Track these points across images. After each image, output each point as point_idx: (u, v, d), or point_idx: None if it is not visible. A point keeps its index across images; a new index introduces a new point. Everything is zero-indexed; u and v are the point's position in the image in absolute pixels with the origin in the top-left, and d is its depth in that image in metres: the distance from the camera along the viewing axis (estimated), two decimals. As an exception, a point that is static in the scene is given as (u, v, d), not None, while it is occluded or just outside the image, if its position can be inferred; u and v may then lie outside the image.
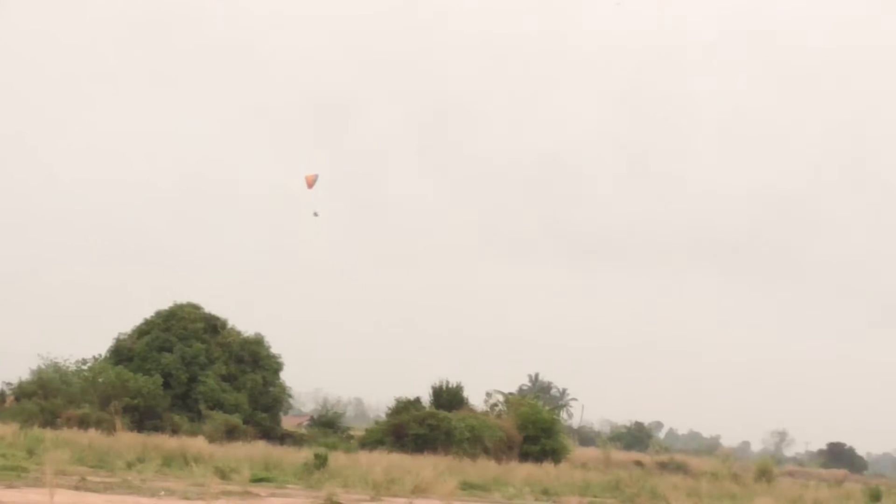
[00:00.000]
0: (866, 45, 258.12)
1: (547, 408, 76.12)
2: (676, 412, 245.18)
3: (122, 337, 63.69)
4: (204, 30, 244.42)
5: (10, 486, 24.86)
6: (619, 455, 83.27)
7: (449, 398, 66.31)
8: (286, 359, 67.82)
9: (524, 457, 59.57)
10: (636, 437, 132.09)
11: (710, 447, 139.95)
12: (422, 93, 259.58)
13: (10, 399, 59.72)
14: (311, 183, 48.16)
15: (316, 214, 52.22)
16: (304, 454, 42.19)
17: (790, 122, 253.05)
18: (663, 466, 75.31)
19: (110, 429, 48.37)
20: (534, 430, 63.39)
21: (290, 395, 69.94)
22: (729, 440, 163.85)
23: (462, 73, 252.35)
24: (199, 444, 43.29)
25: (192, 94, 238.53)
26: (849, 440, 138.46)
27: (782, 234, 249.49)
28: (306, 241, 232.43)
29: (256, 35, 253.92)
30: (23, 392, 58.30)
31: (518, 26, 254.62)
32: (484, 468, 46.96)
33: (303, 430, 69.72)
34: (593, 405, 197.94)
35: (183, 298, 65.99)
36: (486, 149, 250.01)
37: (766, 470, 61.09)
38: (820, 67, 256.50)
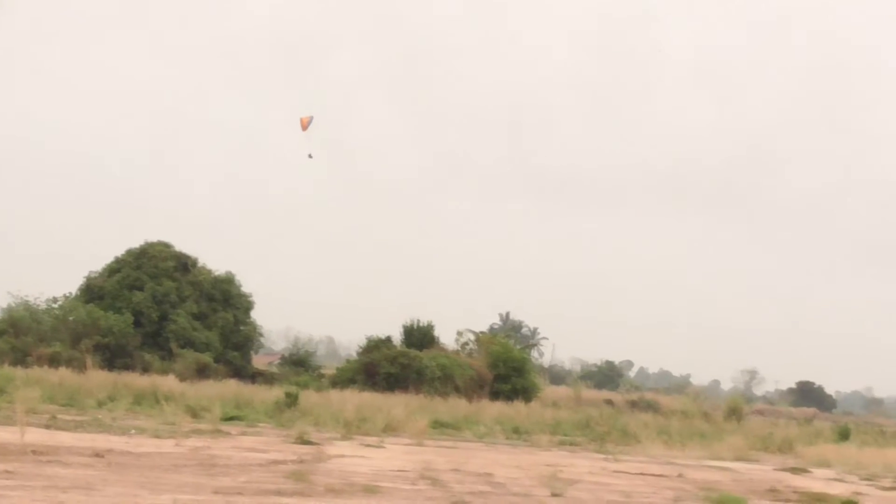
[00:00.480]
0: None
1: (518, 347, 76.52)
2: (647, 351, 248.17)
3: (92, 275, 63.39)
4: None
5: (-20, 425, 24.85)
6: (589, 394, 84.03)
7: (420, 337, 66.47)
8: (257, 298, 67.86)
9: (495, 395, 59.91)
10: (607, 375, 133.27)
11: (680, 386, 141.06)
12: (391, 33, 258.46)
13: (-21, 337, 59.48)
14: (305, 125, 47.77)
15: (310, 156, 51.98)
16: (276, 393, 42.35)
17: (759, 62, 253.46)
18: (634, 405, 76.02)
19: (81, 367, 48.27)
20: (505, 368, 63.66)
21: (261, 334, 70.01)
22: (699, 379, 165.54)
23: (431, 13, 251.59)
24: (169, 382, 43.39)
25: (159, 35, 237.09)
26: (818, 379, 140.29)
27: (751, 173, 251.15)
28: (276, 180, 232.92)
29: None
30: (-7, 330, 58.07)
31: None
32: (455, 407, 47.28)
33: (274, 369, 69.86)
34: (564, 344, 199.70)
35: (154, 237, 65.85)
36: (455, 89, 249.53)
37: (736, 408, 61.82)
38: (791, 8, 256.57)
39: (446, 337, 69.18)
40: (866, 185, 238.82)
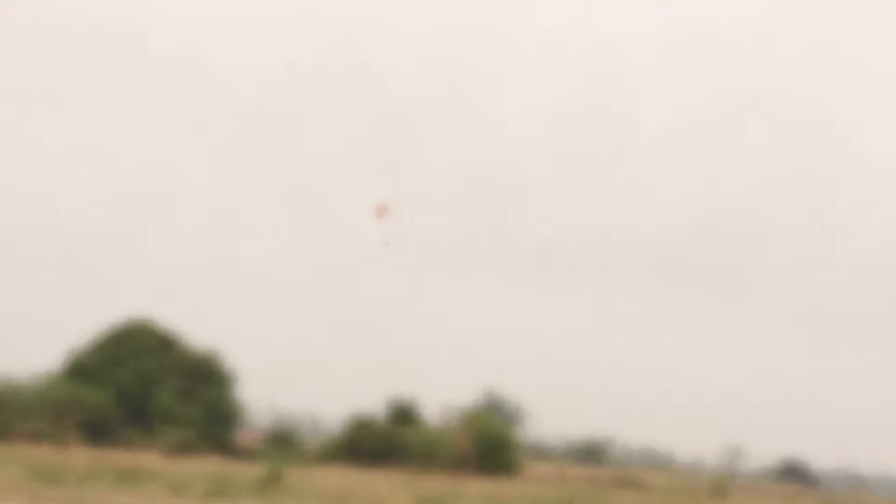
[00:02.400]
0: (805, 64, 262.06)
1: (501, 423, 76.34)
2: (630, 427, 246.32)
3: (75, 351, 63.28)
4: (137, 42, 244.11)
5: (-39, 502, 24.75)
6: (573, 471, 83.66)
7: (403, 413, 66.38)
8: (241, 373, 67.69)
9: (479, 472, 59.73)
10: (590, 452, 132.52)
11: (664, 462, 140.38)
12: (365, 107, 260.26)
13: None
14: (381, 212, 47.77)
15: (389, 243, 51.86)
16: (259, 469, 42.19)
17: (731, 137, 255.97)
18: (618, 482, 75.68)
19: (63, 444, 48.07)
20: (488, 445, 63.54)
21: (244, 410, 69.78)
22: (683, 455, 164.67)
23: (402, 86, 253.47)
24: (152, 459, 43.22)
25: (129, 105, 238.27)
26: (803, 456, 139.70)
27: (726, 247, 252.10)
28: (254, 254, 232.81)
29: (192, 47, 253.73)
30: (-28, 406, 57.81)
31: (457, 40, 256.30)
32: (438, 483, 47.14)
33: (257, 446, 69.55)
34: (548, 420, 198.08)
35: (137, 312, 65.83)
36: (428, 161, 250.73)
37: (721, 485, 61.67)
38: (761, 84, 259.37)
39: (430, 413, 69.14)
40: (840, 260, 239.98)
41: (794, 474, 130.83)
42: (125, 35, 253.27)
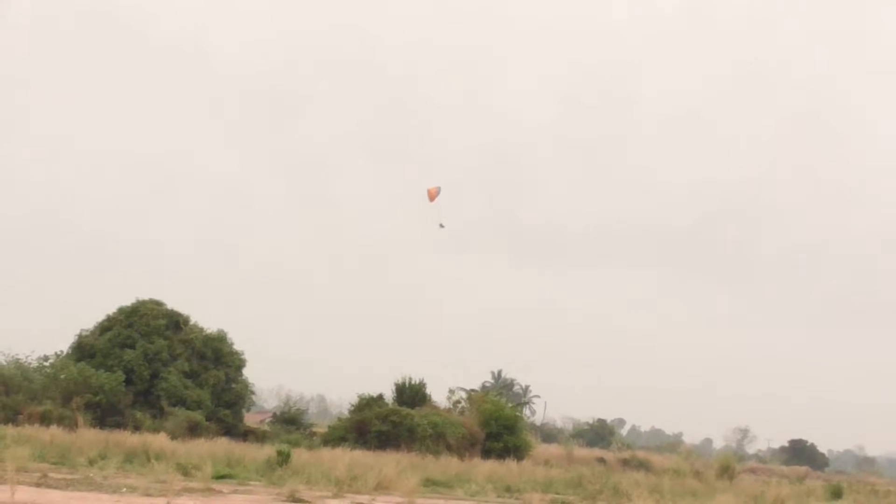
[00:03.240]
0: (811, 43, 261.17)
1: (510, 405, 76.30)
2: (639, 409, 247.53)
3: (84, 333, 63.28)
4: (150, 28, 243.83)
5: (-30, 483, 24.76)
6: (581, 452, 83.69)
7: (412, 395, 66.40)
8: (248, 356, 67.73)
9: (487, 454, 59.75)
10: (598, 434, 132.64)
11: (672, 444, 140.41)
12: (372, 89, 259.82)
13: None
14: (433, 196, 47.82)
15: (442, 226, 52.14)
16: (267, 451, 42.19)
17: (736, 118, 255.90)
18: (626, 463, 75.72)
19: (72, 425, 48.17)
20: (496, 426, 63.54)
21: (252, 392, 69.89)
22: (691, 437, 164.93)
23: (408, 70, 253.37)
24: (160, 440, 43.13)
25: (139, 89, 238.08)
26: (810, 437, 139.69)
27: (731, 230, 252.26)
28: (262, 238, 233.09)
29: (204, 33, 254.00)
30: (-17, 389, 57.88)
31: (464, 27, 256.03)
32: (446, 465, 47.12)
33: (265, 427, 69.66)
34: (556, 402, 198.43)
35: (144, 295, 65.83)
36: (436, 146, 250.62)
37: (728, 467, 61.50)
38: (763, 67, 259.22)
39: (438, 395, 69.21)
40: (845, 243, 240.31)
41: (801, 455, 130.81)
42: (128, 20, 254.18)
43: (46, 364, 60.73)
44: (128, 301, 64.63)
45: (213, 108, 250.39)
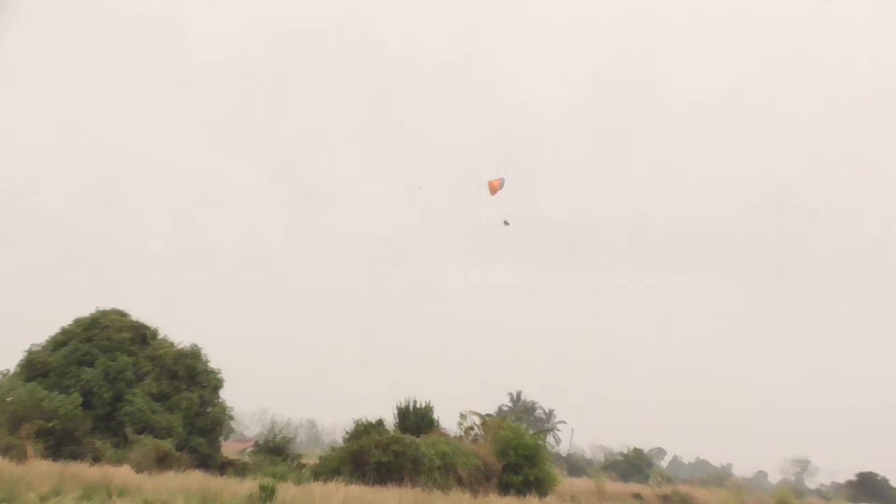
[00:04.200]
0: (870, 22, 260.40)
1: (530, 431, 76.24)
2: (681, 437, 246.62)
3: (35, 349, 63.15)
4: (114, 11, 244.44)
5: None
6: (614, 486, 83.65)
7: (416, 420, 66.35)
8: (227, 374, 67.70)
9: (504, 488, 59.69)
10: (634, 465, 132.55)
11: (719, 477, 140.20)
12: (367, 71, 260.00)
13: None
14: (495, 189, 48.03)
15: (507, 223, 52.69)
16: (248, 485, 42.23)
17: (783, 103, 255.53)
18: (666, 500, 75.70)
19: (21, 456, 48.20)
20: (515, 457, 63.41)
21: (231, 417, 69.77)
22: (742, 469, 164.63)
23: (414, 48, 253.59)
24: (124, 473, 43.24)
25: (96, 74, 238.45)
26: (880, 470, 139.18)
27: (778, 228, 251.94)
28: (243, 241, 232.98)
29: (178, 7, 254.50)
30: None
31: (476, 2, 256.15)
32: (457, 501, 47.14)
33: (246, 458, 69.65)
34: (584, 429, 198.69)
35: (107, 304, 65.80)
36: (441, 133, 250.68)
37: (786, 503, 61.46)
38: (815, 43, 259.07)
39: (447, 420, 69.10)
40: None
41: (870, 491, 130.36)
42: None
43: (-9, 384, 60.77)
44: (86, 311, 64.67)
45: (186, 93, 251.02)
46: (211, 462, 61.11)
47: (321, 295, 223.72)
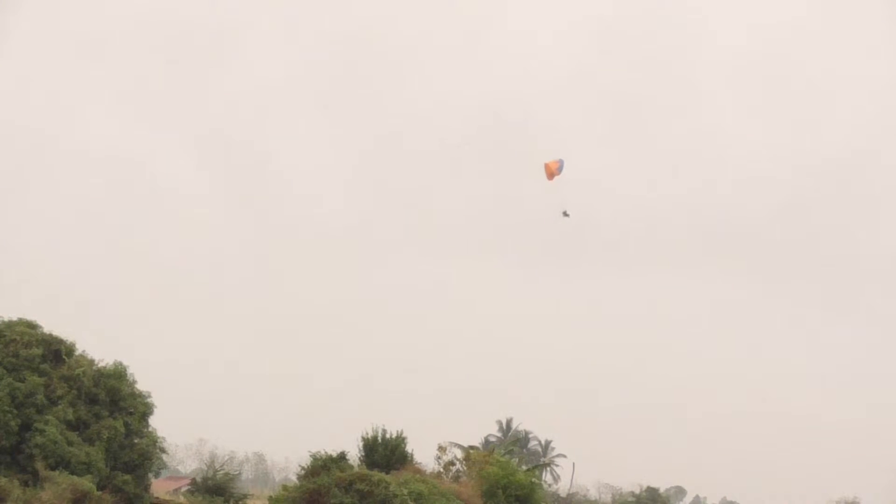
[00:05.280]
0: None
1: (523, 467, 76.43)
2: (703, 475, 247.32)
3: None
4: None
5: None
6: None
7: (386, 454, 66.38)
8: (158, 399, 67.48)
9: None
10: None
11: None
12: (325, 26, 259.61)
13: None
14: (553, 172, 48.13)
15: (566, 214, 53.03)
16: (184, 532, 42.24)
17: (834, 75, 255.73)
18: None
19: None
20: (505, 498, 63.58)
21: (163, 450, 69.54)
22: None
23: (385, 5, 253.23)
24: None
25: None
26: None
27: (825, 222, 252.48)
28: (170, 235, 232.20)
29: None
30: None
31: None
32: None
33: (181, 498, 69.61)
34: (588, 464, 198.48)
35: (11, 313, 65.51)
36: (413, 104, 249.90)
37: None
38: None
39: (423, 454, 69.16)
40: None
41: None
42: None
43: None
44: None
45: (99, 44, 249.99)
46: (139, 503, 60.95)
47: (270, 305, 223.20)
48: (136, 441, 65.27)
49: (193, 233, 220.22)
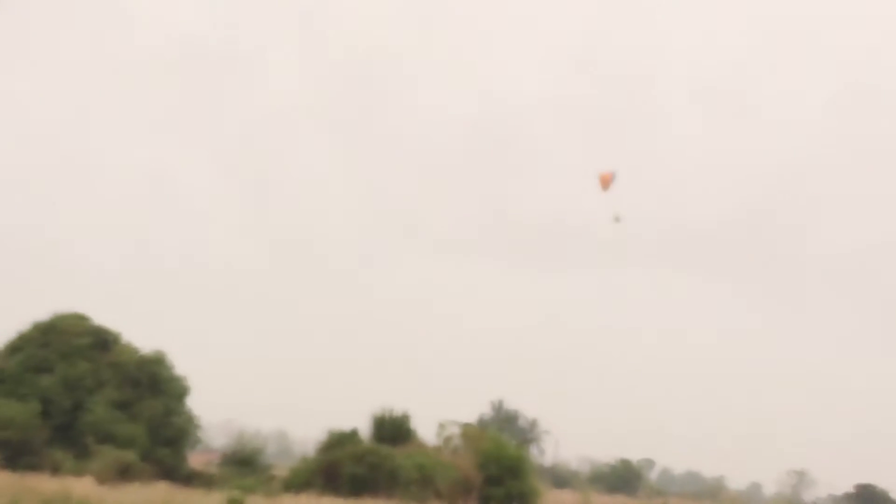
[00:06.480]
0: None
1: (513, 442, 76.41)
2: (671, 448, 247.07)
3: (-11, 355, 63.06)
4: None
5: None
6: (602, 500, 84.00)
7: (393, 430, 66.32)
8: (193, 382, 67.55)
9: (485, 501, 59.81)
10: (622, 477, 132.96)
11: (712, 490, 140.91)
12: (327, 52, 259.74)
13: None
14: (607, 182, 48.29)
15: (618, 220, 53.03)
16: (216, 498, 42.26)
17: (783, 88, 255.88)
18: (656, 513, 75.98)
19: (-25, 468, 48.12)
20: (497, 469, 63.49)
21: (197, 427, 69.57)
22: (736, 481, 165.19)
23: (381, 25, 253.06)
24: (85, 485, 43.21)
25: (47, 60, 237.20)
26: (881, 481, 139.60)
27: (777, 226, 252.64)
28: (201, 241, 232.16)
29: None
30: None
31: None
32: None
33: (213, 469, 69.55)
34: (570, 439, 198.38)
35: (64, 307, 65.58)
36: (410, 119, 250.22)
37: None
38: (818, 14, 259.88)
39: (425, 430, 69.10)
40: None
41: (871, 503, 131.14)
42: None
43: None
44: (43, 315, 64.48)
45: (131, 71, 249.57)
46: (176, 474, 60.96)
47: (289, 299, 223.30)
48: (173, 419, 65.28)
49: (214, 233, 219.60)
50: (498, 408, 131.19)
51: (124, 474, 54.54)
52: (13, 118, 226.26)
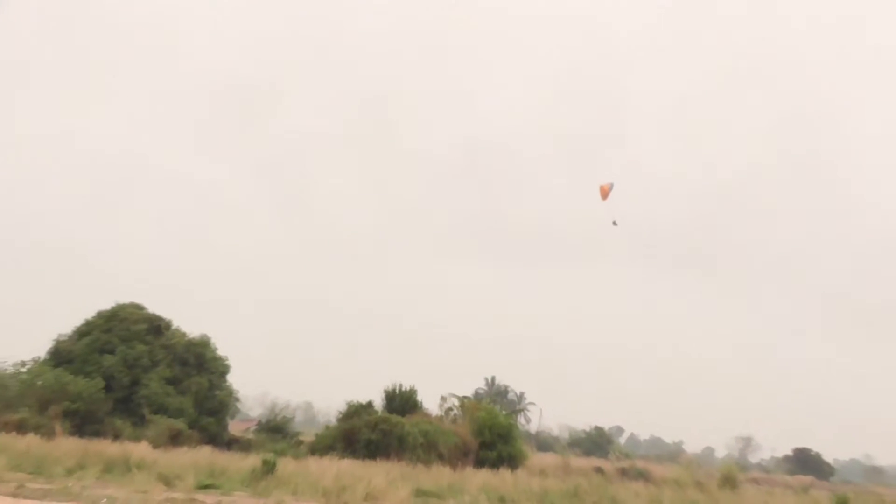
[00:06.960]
0: (813, 37, 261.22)
1: (504, 412, 76.25)
2: (637, 417, 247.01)
3: (61, 338, 63.00)
4: (106, 18, 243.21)
5: (-56, 494, 24.75)
6: (578, 461, 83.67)
7: (402, 402, 66.34)
8: (233, 361, 67.62)
9: (480, 463, 59.65)
10: (596, 442, 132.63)
11: (672, 453, 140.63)
12: (349, 81, 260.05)
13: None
14: (606, 193, 48.30)
15: (615, 224, 53.08)
16: (252, 460, 42.16)
17: (729, 110, 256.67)
18: (624, 473, 75.64)
19: (49, 434, 48.04)
20: (490, 435, 63.40)
21: (236, 399, 69.62)
22: (692, 446, 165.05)
23: (389, 62, 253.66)
24: (141, 449, 43.10)
25: (97, 89, 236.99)
26: (815, 446, 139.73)
27: (727, 228, 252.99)
28: (239, 240, 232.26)
29: (162, 21, 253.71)
30: (-43, 396, 57.59)
31: (442, 16, 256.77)
32: (438, 475, 47.07)
33: (250, 436, 69.51)
34: (552, 410, 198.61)
35: (124, 298, 65.74)
36: (418, 140, 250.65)
37: (731, 477, 61.42)
38: (760, 53, 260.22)
39: (429, 402, 69.09)
40: (854, 241, 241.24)
41: (806, 465, 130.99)
42: (94, 11, 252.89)
43: (23, 370, 60.24)
44: (107, 305, 64.61)
45: (183, 107, 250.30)
46: (218, 439, 61.02)
47: (318, 291, 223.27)
48: (216, 393, 65.33)
49: (252, 235, 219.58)
50: (491, 383, 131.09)
51: (175, 440, 54.54)
52: (83, 141, 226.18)
